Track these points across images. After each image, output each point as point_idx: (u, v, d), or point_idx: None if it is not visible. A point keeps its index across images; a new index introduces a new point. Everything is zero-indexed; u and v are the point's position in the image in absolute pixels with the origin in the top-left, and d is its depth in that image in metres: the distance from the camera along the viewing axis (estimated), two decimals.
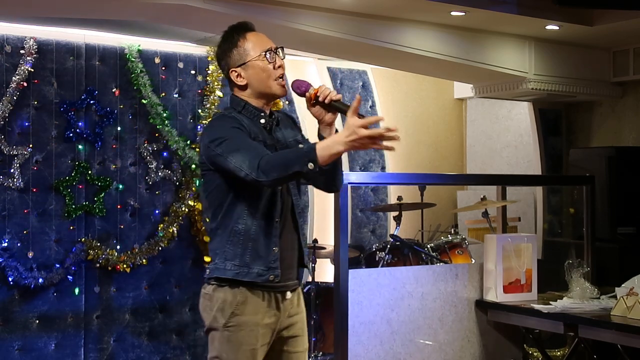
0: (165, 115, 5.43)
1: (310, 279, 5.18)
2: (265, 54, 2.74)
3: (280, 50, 2.79)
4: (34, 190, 5.06)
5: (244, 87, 2.79)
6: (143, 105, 5.40)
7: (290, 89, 2.78)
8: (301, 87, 2.74)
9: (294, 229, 2.81)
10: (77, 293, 5.19)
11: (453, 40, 5.26)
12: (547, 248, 6.16)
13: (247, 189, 2.67)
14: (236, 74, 2.78)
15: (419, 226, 6.28)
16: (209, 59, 5.65)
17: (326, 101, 2.69)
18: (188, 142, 5.52)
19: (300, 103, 6.12)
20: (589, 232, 4.60)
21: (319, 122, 2.76)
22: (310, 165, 2.48)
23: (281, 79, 2.78)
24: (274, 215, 2.73)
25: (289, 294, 2.80)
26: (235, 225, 2.71)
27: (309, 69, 6.30)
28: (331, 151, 2.49)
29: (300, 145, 2.77)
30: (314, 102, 2.70)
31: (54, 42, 5.13)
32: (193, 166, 5.50)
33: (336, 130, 2.75)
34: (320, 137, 2.75)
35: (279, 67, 2.77)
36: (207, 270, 2.80)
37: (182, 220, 5.52)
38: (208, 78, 5.65)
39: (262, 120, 2.78)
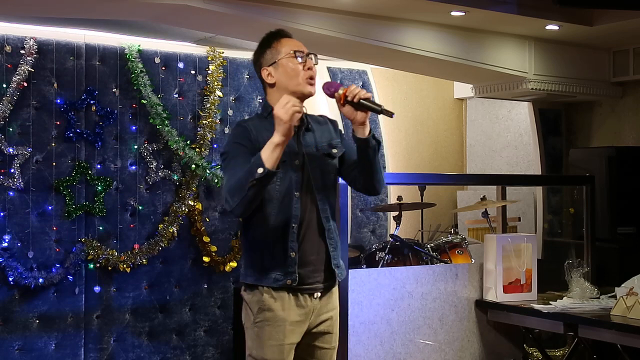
0: (165, 115, 5.43)
1: None
2: (295, 53, 2.83)
3: (313, 56, 2.88)
4: (34, 190, 5.06)
5: (273, 86, 2.87)
6: (143, 105, 5.40)
7: (322, 90, 2.83)
8: (330, 88, 2.80)
9: (319, 235, 2.84)
10: (77, 293, 5.20)
11: (453, 40, 5.26)
12: (547, 248, 6.16)
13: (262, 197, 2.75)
14: (267, 72, 2.87)
15: (419, 226, 6.28)
16: (209, 59, 5.65)
17: (355, 100, 2.75)
18: (188, 142, 5.52)
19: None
20: (589, 232, 4.60)
21: (352, 122, 2.82)
22: (260, 170, 2.58)
23: (311, 79, 2.85)
24: (290, 221, 2.77)
25: (317, 294, 2.84)
26: (253, 233, 2.82)
27: None
28: (270, 147, 2.61)
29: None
30: (344, 102, 2.76)
31: (54, 42, 5.13)
32: (193, 166, 5.50)
33: (370, 130, 2.83)
34: (354, 137, 2.83)
35: (309, 69, 2.85)
36: (240, 274, 2.93)
37: (182, 220, 5.52)
38: (208, 78, 5.65)
39: None
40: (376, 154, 2.87)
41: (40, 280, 5.03)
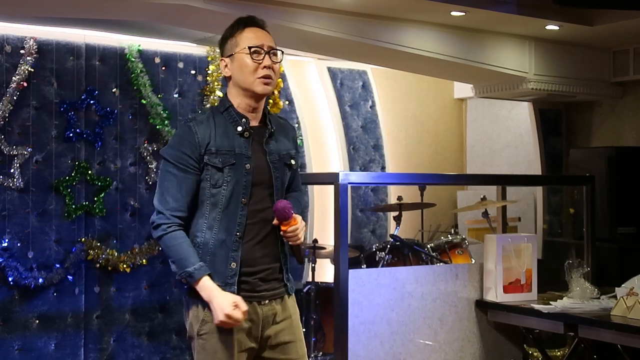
0: (165, 115, 5.43)
1: (310, 279, 5.19)
2: (250, 49, 2.70)
3: (279, 53, 2.75)
4: (34, 190, 5.06)
5: (229, 79, 2.76)
6: (143, 105, 5.40)
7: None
8: (280, 216, 2.68)
9: (274, 245, 2.75)
10: (76, 293, 5.20)
11: (453, 40, 5.26)
12: (547, 248, 6.15)
13: (205, 201, 2.67)
14: (224, 63, 2.77)
15: (419, 226, 6.28)
16: (209, 59, 5.66)
17: (290, 242, 2.73)
18: None
19: (300, 103, 6.11)
20: (589, 232, 4.60)
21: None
22: (184, 281, 2.69)
23: (266, 79, 2.70)
24: (233, 230, 2.66)
25: (265, 301, 2.72)
26: (195, 238, 2.70)
27: (309, 69, 6.30)
28: (207, 297, 2.63)
29: (193, 267, 2.68)
30: (279, 230, 2.72)
31: (54, 42, 5.13)
32: None
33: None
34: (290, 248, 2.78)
35: (265, 67, 2.69)
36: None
37: None
38: (208, 78, 5.65)
39: (239, 128, 2.71)
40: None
41: (40, 280, 5.03)
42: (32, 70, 5.03)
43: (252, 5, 4.46)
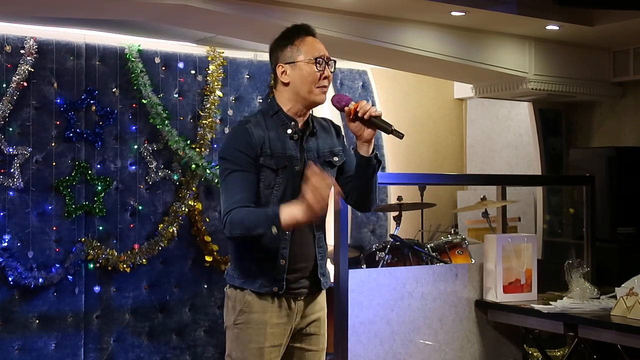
0: (165, 115, 5.43)
1: None
2: (316, 60, 2.76)
3: (332, 63, 2.82)
4: (34, 190, 5.06)
5: (286, 85, 2.79)
6: (143, 105, 5.40)
7: (330, 103, 2.79)
8: (341, 102, 2.76)
9: (312, 242, 2.81)
10: (77, 293, 5.20)
11: (453, 40, 5.26)
12: (547, 248, 6.15)
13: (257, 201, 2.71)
14: (282, 70, 2.79)
15: (419, 226, 6.28)
16: (209, 59, 5.66)
17: (365, 117, 2.69)
18: (188, 142, 5.52)
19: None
20: (589, 232, 4.60)
21: (357, 138, 2.75)
22: (274, 230, 2.56)
23: (325, 88, 2.79)
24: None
25: (301, 297, 2.81)
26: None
27: None
28: (293, 218, 2.55)
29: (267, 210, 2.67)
30: (353, 117, 2.71)
31: (54, 42, 5.13)
32: (193, 166, 5.50)
33: (373, 149, 2.78)
34: (356, 154, 2.78)
35: (325, 77, 2.78)
36: (226, 272, 2.89)
37: (182, 220, 5.52)
38: (208, 78, 5.65)
39: (289, 130, 2.78)
40: (375, 173, 2.83)
41: (40, 280, 5.03)
42: (32, 70, 5.03)
43: (252, 5, 4.46)
